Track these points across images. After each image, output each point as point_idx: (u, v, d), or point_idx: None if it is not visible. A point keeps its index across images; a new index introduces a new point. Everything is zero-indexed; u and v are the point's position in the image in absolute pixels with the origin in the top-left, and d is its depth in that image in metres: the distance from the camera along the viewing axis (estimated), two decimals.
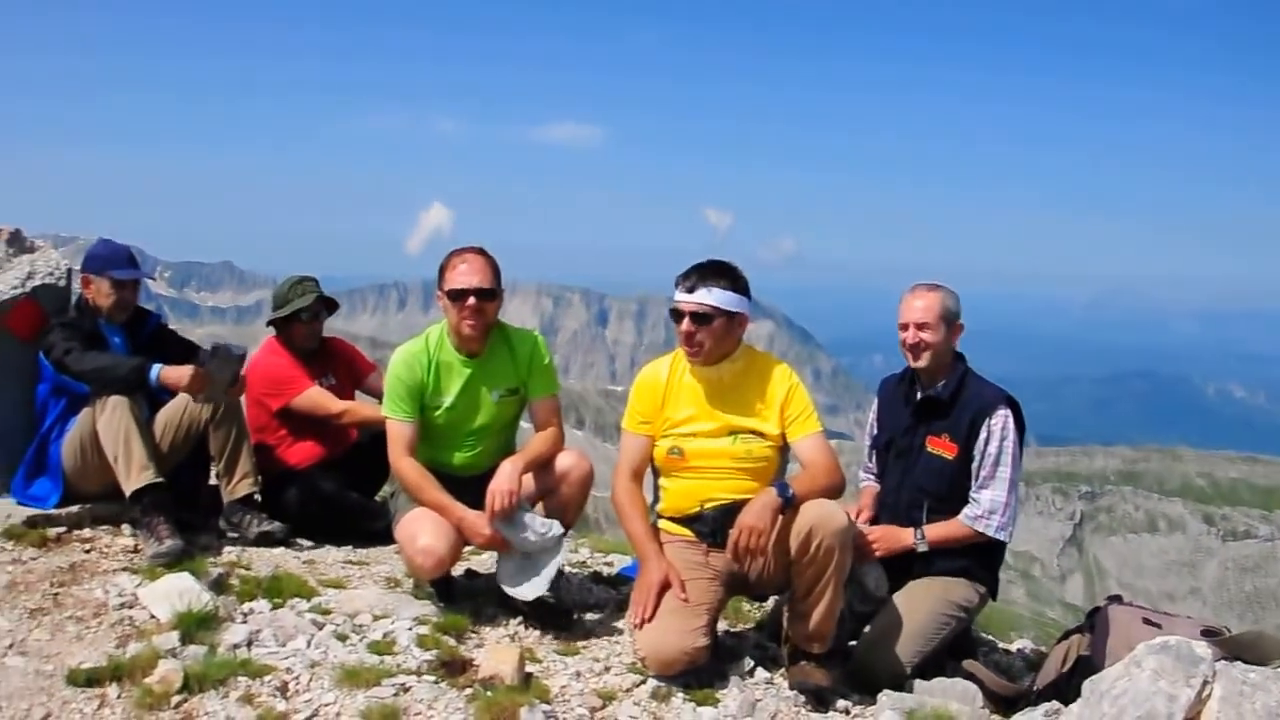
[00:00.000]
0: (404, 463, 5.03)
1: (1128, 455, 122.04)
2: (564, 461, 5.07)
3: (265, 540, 5.97)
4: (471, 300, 4.92)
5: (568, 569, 5.92)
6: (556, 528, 4.97)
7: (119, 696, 4.05)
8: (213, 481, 6.32)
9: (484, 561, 6.01)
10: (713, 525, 4.76)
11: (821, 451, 4.72)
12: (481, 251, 5.05)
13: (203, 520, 6.12)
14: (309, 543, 6.23)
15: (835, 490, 4.62)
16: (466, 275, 4.95)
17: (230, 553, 5.76)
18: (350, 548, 6.24)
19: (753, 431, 4.76)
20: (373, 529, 6.38)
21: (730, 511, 4.61)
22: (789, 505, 4.46)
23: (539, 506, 5.10)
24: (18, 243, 6.35)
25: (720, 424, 4.78)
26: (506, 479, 4.83)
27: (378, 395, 6.68)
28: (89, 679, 4.13)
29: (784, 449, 4.83)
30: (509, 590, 4.99)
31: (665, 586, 4.61)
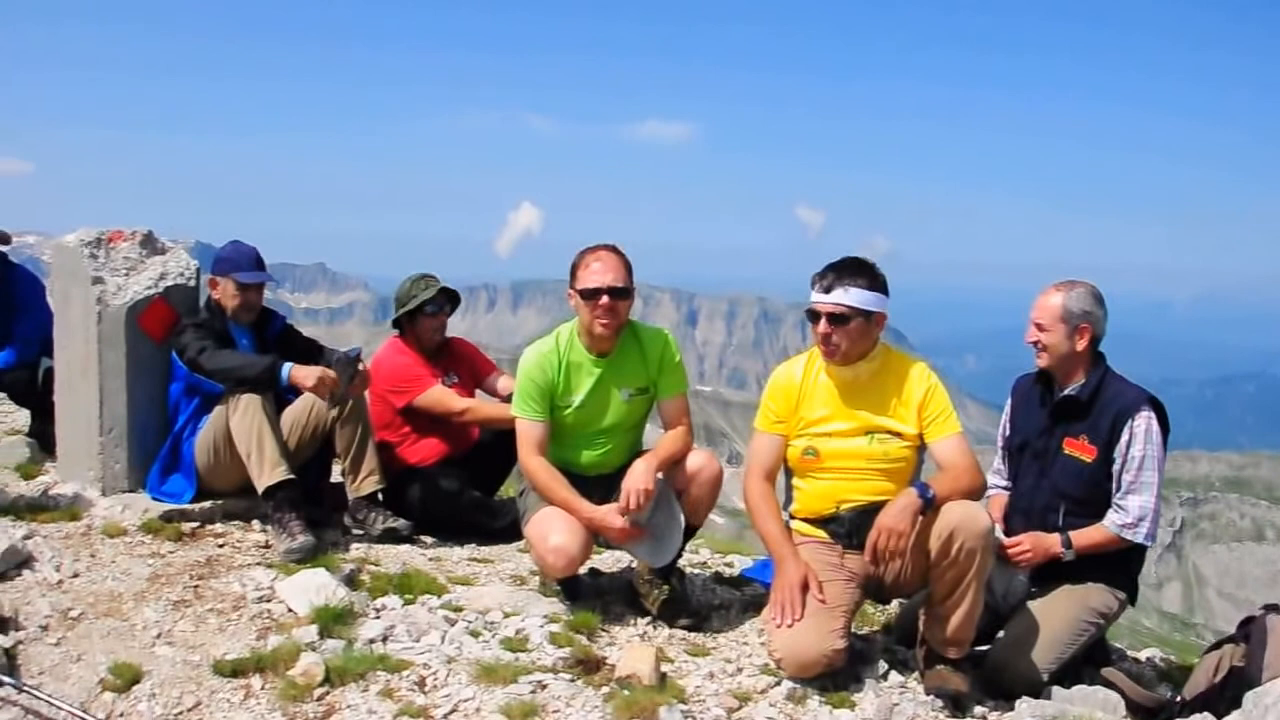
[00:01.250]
0: (534, 462, 5.06)
1: (1235, 461, 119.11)
2: (694, 461, 5.05)
3: (390, 537, 6.05)
4: (605, 299, 4.92)
5: (690, 570, 5.91)
6: (679, 516, 5.01)
7: (263, 687, 4.16)
8: (336, 479, 6.43)
9: (607, 561, 6.03)
10: (849, 527, 4.72)
11: (962, 453, 4.65)
12: (614, 249, 5.04)
13: (327, 517, 6.21)
14: (431, 540, 6.29)
15: (976, 492, 4.55)
16: (600, 274, 4.95)
17: (357, 549, 5.85)
18: (473, 545, 6.29)
19: (890, 432, 4.70)
20: (494, 527, 6.44)
21: (867, 513, 4.57)
22: (929, 507, 4.40)
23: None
24: (150, 244, 6.50)
25: (856, 424, 4.74)
26: (641, 477, 4.83)
27: (498, 395, 6.74)
28: (234, 670, 4.25)
29: (921, 450, 4.76)
30: (649, 559, 5.04)
31: (804, 587, 4.57)
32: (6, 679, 3.92)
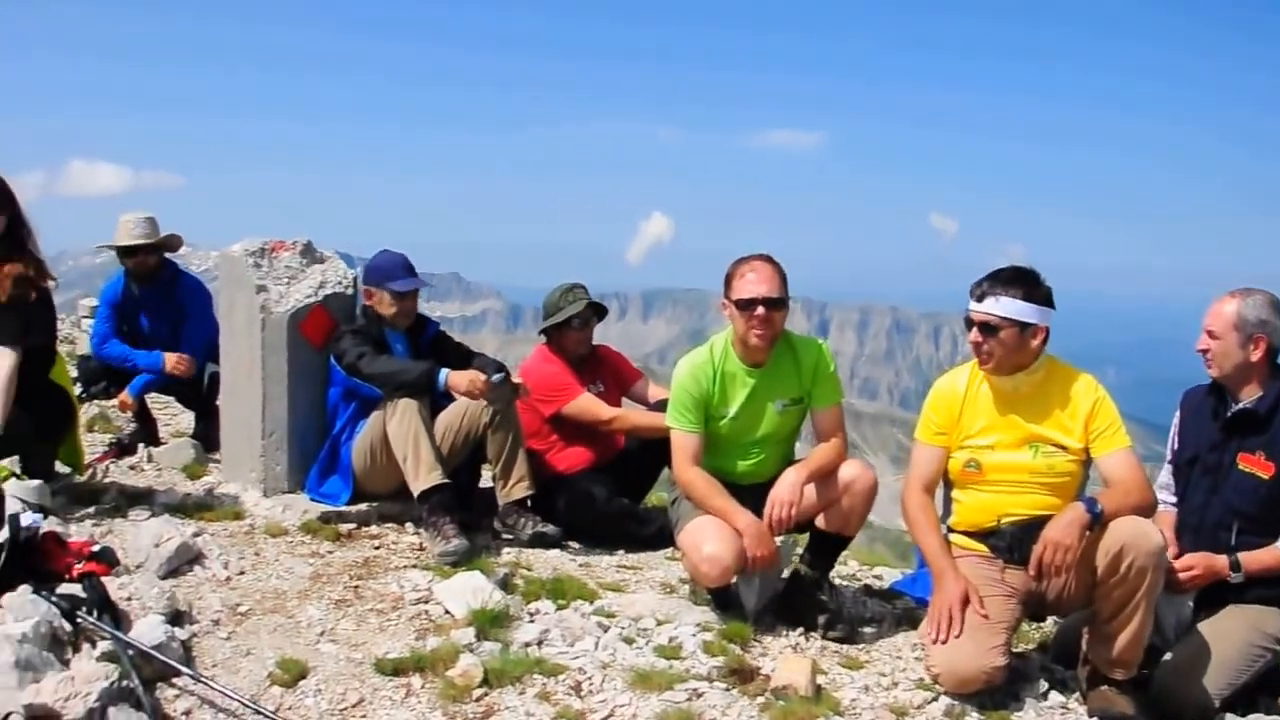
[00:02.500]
0: (691, 473, 5.08)
1: None
2: (847, 472, 5.01)
3: (539, 542, 6.13)
4: (760, 310, 4.92)
5: (839, 581, 5.89)
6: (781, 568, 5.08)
7: (423, 687, 4.24)
8: (484, 484, 6.55)
9: None
10: (1010, 541, 4.63)
11: (1131, 468, 4.52)
12: (769, 259, 5.03)
13: (476, 522, 6.31)
14: (579, 546, 6.37)
15: (1146, 509, 4.43)
16: (755, 284, 4.95)
17: (509, 554, 5.93)
18: (621, 553, 6.34)
19: (1054, 444, 4.61)
20: (642, 534, 6.48)
21: (1030, 528, 4.50)
22: (1097, 522, 4.31)
23: (820, 518, 5.09)
24: (310, 254, 6.73)
25: (1020, 436, 4.66)
26: (788, 489, 4.84)
27: (644, 402, 6.80)
28: (395, 669, 4.34)
29: (1087, 464, 4.65)
30: (742, 593, 5.12)
31: (965, 602, 4.51)
32: (185, 669, 4.08)
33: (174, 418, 8.93)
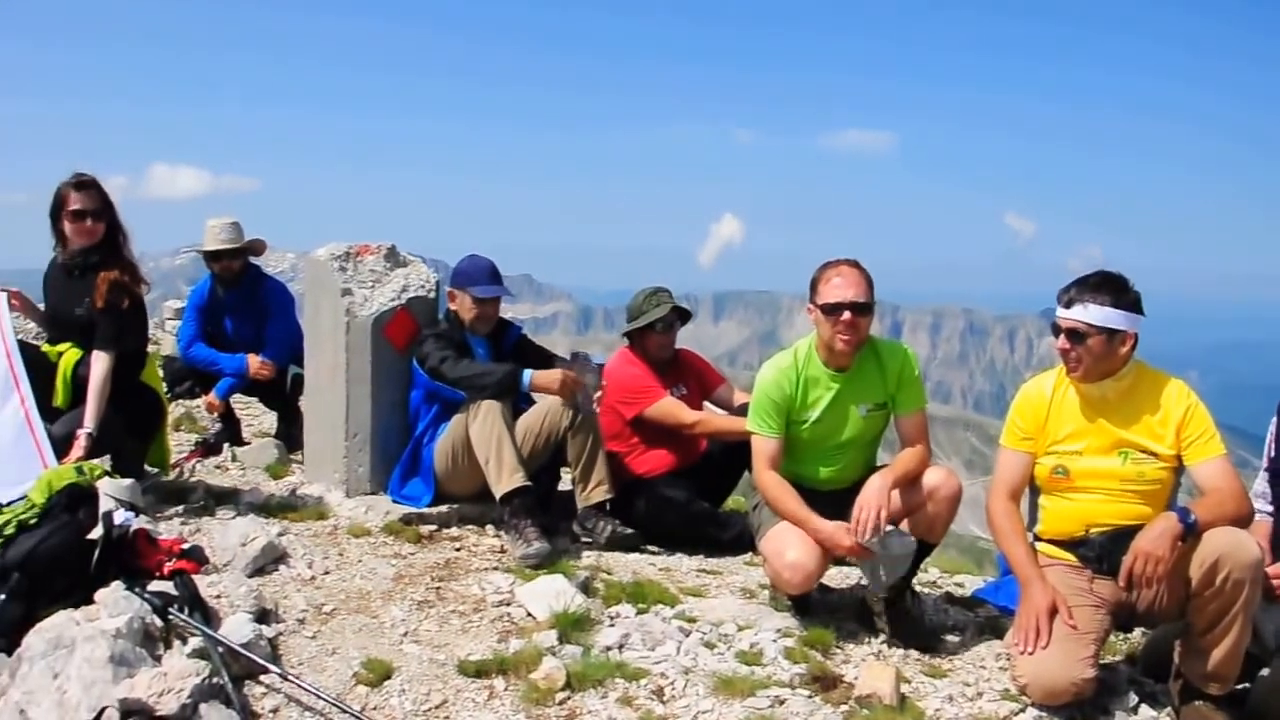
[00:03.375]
0: (768, 477, 5.08)
1: None
2: (932, 478, 4.96)
3: (618, 545, 6.14)
4: (847, 315, 4.89)
5: (921, 589, 5.84)
6: (911, 542, 4.94)
7: (506, 689, 4.27)
8: (564, 486, 6.58)
9: (837, 577, 5.98)
10: (1099, 550, 4.54)
11: (1226, 477, 4.40)
12: (856, 264, 5.01)
13: (555, 524, 6.33)
14: (659, 550, 6.37)
15: (1242, 519, 4.32)
16: (841, 288, 4.92)
17: (588, 557, 5.95)
18: (701, 557, 6.33)
19: (1144, 451, 4.51)
20: (722, 539, 6.46)
21: (1119, 537, 4.42)
22: (1190, 533, 4.21)
23: (904, 524, 5.06)
24: (393, 258, 6.80)
25: (1109, 442, 4.56)
26: (875, 494, 4.79)
27: (726, 407, 6.79)
28: (478, 670, 4.38)
29: (1178, 472, 4.56)
30: (869, 579, 5.02)
31: (1052, 612, 4.44)
32: (273, 667, 4.14)
33: (256, 418, 9.07)
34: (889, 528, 4.86)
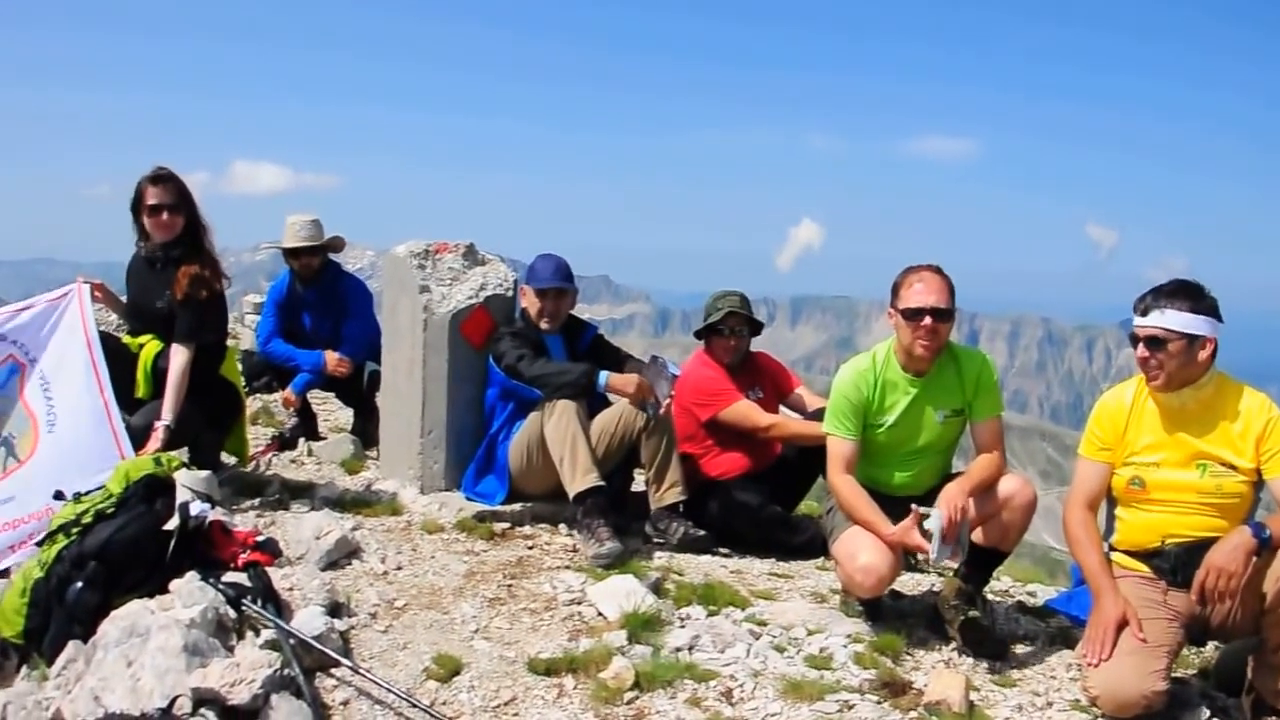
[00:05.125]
0: (841, 480, 5.03)
1: None
2: (1007, 486, 4.90)
3: (690, 547, 6.12)
4: (927, 320, 4.85)
5: (992, 597, 5.75)
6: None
7: (575, 688, 4.27)
8: (636, 487, 6.57)
9: (908, 584, 5.91)
10: (1174, 563, 4.45)
11: None
12: (938, 270, 4.97)
13: (627, 525, 6.31)
14: (730, 552, 6.34)
15: None
16: (923, 294, 4.89)
17: (660, 558, 5.94)
18: (773, 560, 6.28)
19: (1223, 464, 4.40)
20: (794, 543, 6.41)
21: (1195, 549, 4.32)
22: (1265, 547, 4.12)
23: (978, 531, 4.99)
24: (471, 256, 6.83)
25: (1187, 454, 4.46)
26: (954, 500, 4.72)
27: (801, 411, 6.75)
28: (547, 668, 4.38)
29: (1258, 486, 4.44)
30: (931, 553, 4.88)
31: (1122, 624, 4.37)
32: (344, 660, 4.17)
33: (332, 414, 9.16)
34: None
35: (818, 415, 6.26)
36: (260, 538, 5.02)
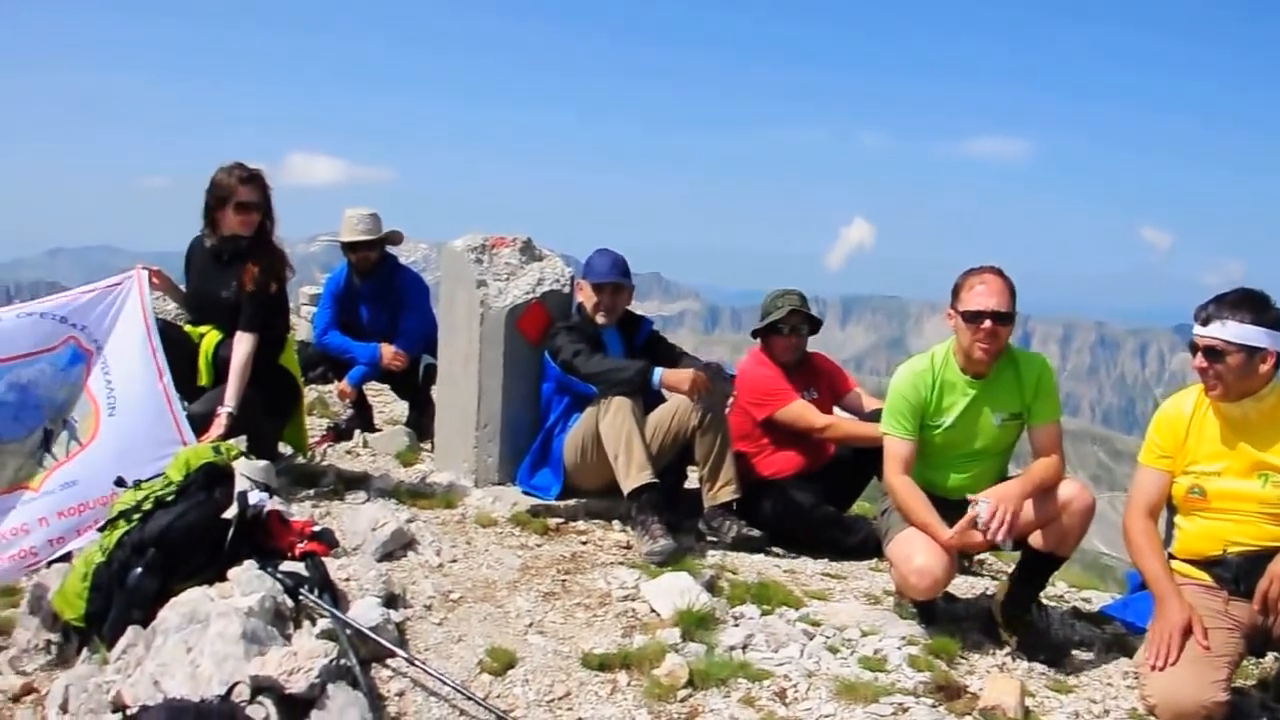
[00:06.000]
0: (898, 480, 5.01)
1: None
2: (1066, 491, 4.83)
3: (742, 545, 6.11)
4: (988, 323, 4.82)
5: (1047, 602, 5.70)
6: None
7: (629, 684, 4.27)
8: (689, 484, 6.56)
9: (962, 587, 5.87)
10: (1236, 572, 4.40)
11: None
12: (999, 272, 4.94)
13: (680, 522, 6.31)
14: (783, 552, 6.32)
15: None
16: (984, 297, 4.85)
17: (713, 556, 5.92)
18: (826, 560, 6.25)
19: None
20: (847, 544, 6.38)
21: (1258, 559, 4.27)
22: None
23: (1035, 536, 4.94)
24: (529, 251, 6.85)
25: (1248, 464, 4.41)
26: (1013, 498, 4.68)
27: (857, 412, 6.71)
28: (601, 664, 4.39)
29: None
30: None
31: (1187, 631, 4.31)
32: (400, 652, 4.19)
33: (387, 405, 9.22)
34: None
35: (874, 416, 6.23)
36: (316, 528, 5.06)
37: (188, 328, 6.24)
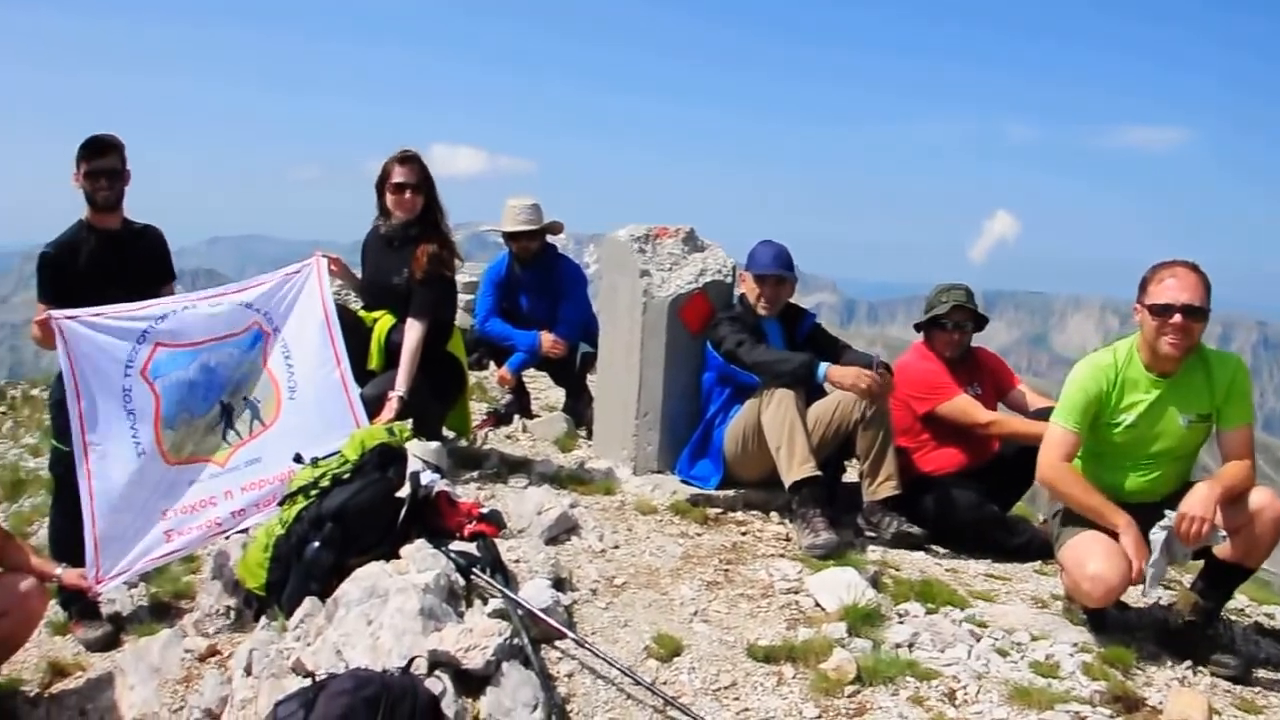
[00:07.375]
0: (1057, 468, 4.90)
1: None
2: (1257, 499, 4.63)
3: (902, 542, 6.03)
4: (1177, 317, 4.66)
5: (1228, 617, 5.50)
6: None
7: (794, 676, 4.27)
8: (848, 479, 6.52)
9: (1134, 595, 5.71)
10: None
11: None
12: (1194, 267, 4.76)
13: (838, 516, 6.26)
14: (944, 550, 6.23)
15: None
16: (1175, 290, 4.69)
17: (874, 552, 5.88)
18: (988, 561, 6.13)
19: None
20: (1010, 544, 6.24)
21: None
22: None
23: (1224, 545, 4.77)
24: (691, 242, 6.87)
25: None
26: (1201, 503, 4.50)
27: (1021, 410, 6.57)
28: (766, 655, 4.40)
29: None
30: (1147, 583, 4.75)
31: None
32: (570, 633, 4.25)
33: (543, 392, 9.34)
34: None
35: (1039, 414, 6.09)
36: (485, 509, 5.16)
37: (361, 312, 6.40)
